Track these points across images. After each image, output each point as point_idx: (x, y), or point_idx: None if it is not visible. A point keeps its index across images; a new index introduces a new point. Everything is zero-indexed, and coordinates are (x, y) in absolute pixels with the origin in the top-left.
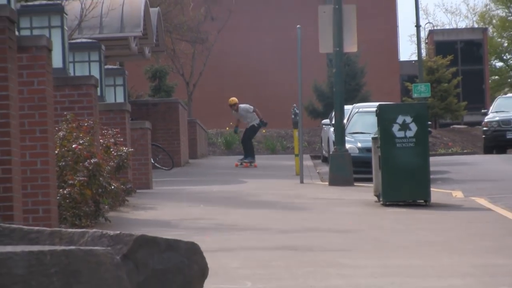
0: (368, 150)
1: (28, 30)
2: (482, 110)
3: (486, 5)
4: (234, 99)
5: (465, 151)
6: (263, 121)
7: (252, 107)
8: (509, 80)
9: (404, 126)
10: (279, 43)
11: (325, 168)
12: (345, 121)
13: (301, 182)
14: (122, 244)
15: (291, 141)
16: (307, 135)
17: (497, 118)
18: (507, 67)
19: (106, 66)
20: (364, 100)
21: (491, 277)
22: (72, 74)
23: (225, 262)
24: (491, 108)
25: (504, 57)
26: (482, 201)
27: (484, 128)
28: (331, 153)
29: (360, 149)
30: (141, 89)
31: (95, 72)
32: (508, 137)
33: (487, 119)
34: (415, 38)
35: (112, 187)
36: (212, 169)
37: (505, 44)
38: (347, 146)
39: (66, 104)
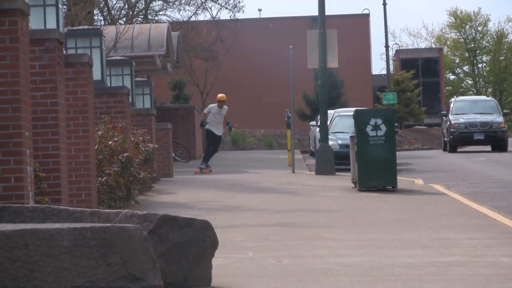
0: (347, 146)
1: (73, 50)
2: (441, 112)
3: (442, 30)
4: (225, 96)
5: (425, 147)
6: (229, 124)
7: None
8: (460, 89)
9: (376, 127)
10: (275, 60)
11: (312, 161)
12: (328, 123)
13: (293, 172)
14: (149, 222)
15: (285, 139)
16: (298, 134)
17: (462, 120)
18: (458, 79)
19: (136, 79)
20: (343, 106)
21: (445, 248)
22: (108, 85)
23: (231, 236)
24: (450, 110)
25: (456, 71)
26: (439, 187)
27: (452, 130)
28: (317, 148)
29: (340, 145)
30: (164, 97)
31: (127, 83)
32: (475, 138)
33: (454, 121)
34: (384, 56)
35: (141, 176)
36: (221, 161)
37: (457, 61)
38: (330, 143)
39: (104, 109)
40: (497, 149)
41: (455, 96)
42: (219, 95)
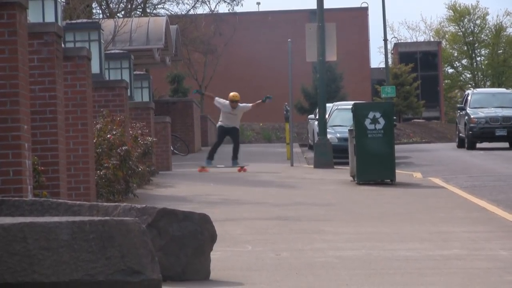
0: (345, 139)
1: (72, 43)
2: (458, 105)
3: (440, 23)
4: (238, 96)
5: (423, 140)
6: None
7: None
8: (458, 83)
9: (374, 120)
10: (274, 53)
11: (311, 154)
12: (326, 116)
13: (292, 165)
14: (147, 215)
15: (283, 132)
16: (296, 127)
17: (483, 115)
18: (457, 73)
19: (134, 72)
20: (342, 99)
21: (444, 241)
22: (107, 78)
23: (230, 229)
24: (468, 103)
25: (455, 65)
26: (437, 181)
27: (471, 125)
28: (315, 142)
29: (339, 138)
30: (163, 90)
31: (126, 77)
32: (497, 134)
33: (473, 115)
34: (383, 50)
35: (139, 169)
36: (220, 154)
37: (455, 54)
38: (328, 136)
39: (103, 103)
40: None
41: (471, 88)
42: (231, 93)
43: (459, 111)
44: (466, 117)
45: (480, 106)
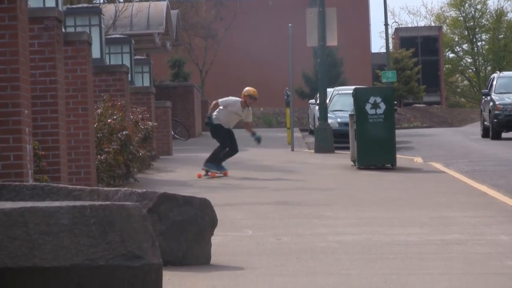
0: (346, 124)
1: (72, 28)
2: (483, 91)
3: (441, 8)
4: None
5: (424, 125)
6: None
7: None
8: (459, 68)
9: (375, 105)
10: (275, 38)
11: (311, 139)
12: (327, 101)
13: (292, 150)
14: (148, 200)
15: (284, 117)
16: (297, 112)
17: (509, 101)
18: (457, 58)
19: (135, 57)
20: (342, 84)
21: (444, 226)
22: (108, 63)
23: (231, 214)
24: (493, 87)
25: (455, 50)
26: (438, 166)
27: (496, 112)
28: (316, 126)
29: (339, 123)
30: (164, 75)
31: (126, 62)
32: None
33: (498, 101)
34: (384, 34)
35: (140, 154)
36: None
37: (456, 39)
38: (329, 121)
39: (103, 87)
40: None
41: (497, 71)
42: (250, 88)
43: (483, 96)
44: (491, 104)
45: (507, 91)
